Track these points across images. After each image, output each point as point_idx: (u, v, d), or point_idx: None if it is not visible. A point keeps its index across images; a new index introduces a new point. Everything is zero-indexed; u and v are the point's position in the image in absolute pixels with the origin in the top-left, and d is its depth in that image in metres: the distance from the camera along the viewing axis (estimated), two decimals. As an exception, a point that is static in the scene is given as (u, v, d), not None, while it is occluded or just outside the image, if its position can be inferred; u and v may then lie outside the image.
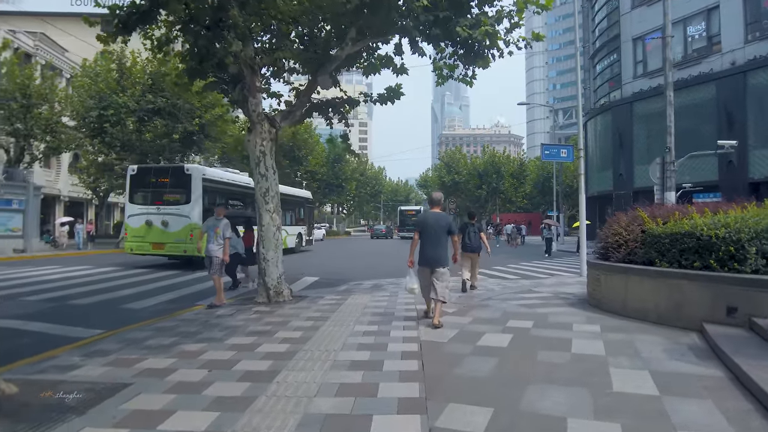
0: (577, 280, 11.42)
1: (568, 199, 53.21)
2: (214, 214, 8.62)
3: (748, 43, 21.26)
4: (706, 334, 5.19)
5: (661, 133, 24.84)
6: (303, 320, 6.62)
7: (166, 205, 15.31)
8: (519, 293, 8.89)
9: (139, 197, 15.85)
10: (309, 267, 16.85)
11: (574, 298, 8.09)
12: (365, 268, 17.06)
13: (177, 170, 15.65)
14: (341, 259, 21.95)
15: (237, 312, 7.46)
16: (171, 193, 15.44)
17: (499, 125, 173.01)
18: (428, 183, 63.57)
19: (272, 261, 8.48)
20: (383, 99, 10.50)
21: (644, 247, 6.42)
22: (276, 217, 8.61)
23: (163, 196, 15.50)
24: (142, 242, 15.29)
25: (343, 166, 52.14)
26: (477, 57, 9.46)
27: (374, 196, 68.91)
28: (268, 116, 8.59)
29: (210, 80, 9.29)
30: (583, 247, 13.18)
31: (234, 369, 4.40)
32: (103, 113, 25.32)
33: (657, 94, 24.58)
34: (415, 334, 5.56)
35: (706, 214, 6.23)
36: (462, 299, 8.33)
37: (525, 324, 5.97)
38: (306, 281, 12.74)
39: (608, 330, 5.57)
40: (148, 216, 15.19)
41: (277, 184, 8.71)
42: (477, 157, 56.80)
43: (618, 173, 27.21)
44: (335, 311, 7.23)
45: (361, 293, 9.41)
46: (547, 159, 13.31)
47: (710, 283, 5.35)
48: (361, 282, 12.18)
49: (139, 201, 15.81)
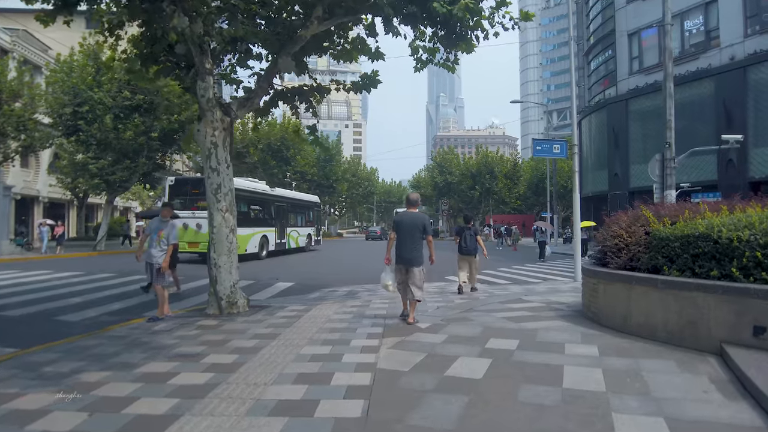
0: (571, 286, 10.45)
1: (562, 200, 52.40)
2: (159, 215, 7.57)
3: (748, 38, 20.42)
4: (728, 359, 4.21)
5: (658, 131, 24.01)
6: (248, 339, 5.60)
7: (199, 210, 17.36)
8: (506, 302, 7.90)
9: (176, 204, 17.39)
10: (291, 270, 15.84)
11: (567, 309, 7.10)
12: (350, 271, 16.05)
13: None
14: (328, 261, 20.93)
15: (177, 327, 6.42)
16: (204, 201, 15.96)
17: (493, 126, 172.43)
18: (421, 184, 62.53)
19: (225, 267, 7.44)
20: (358, 87, 9.52)
21: (649, 251, 5.44)
22: (230, 218, 7.57)
23: (197, 202, 17.72)
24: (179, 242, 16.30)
25: (334, 167, 51.11)
26: (459, 39, 8.49)
27: (367, 197, 67.79)
28: (220, 103, 7.56)
29: (163, 66, 8.27)
30: (577, 250, 12.23)
31: (123, 412, 3.36)
32: (78, 110, 24.19)
33: (653, 90, 23.76)
34: (373, 360, 4.54)
35: (722, 213, 5.27)
36: (441, 310, 7.32)
37: (508, 344, 4.97)
38: (278, 287, 11.72)
39: (608, 353, 4.57)
40: (184, 220, 17.13)
41: (230, 180, 7.67)
42: (470, 157, 55.78)
43: (613, 173, 26.32)
44: (290, 326, 6.21)
45: (331, 302, 8.38)
46: (539, 155, 12.34)
47: (732, 296, 4.36)
48: (336, 288, 11.17)
49: (177, 207, 17.17)
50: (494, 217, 50.53)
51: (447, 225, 62.63)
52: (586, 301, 6.47)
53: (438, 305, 7.79)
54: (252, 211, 20.74)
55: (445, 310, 7.27)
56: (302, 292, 10.70)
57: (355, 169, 65.60)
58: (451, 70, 8.97)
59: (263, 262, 19.70)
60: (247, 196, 19.92)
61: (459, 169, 53.09)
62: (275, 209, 23.08)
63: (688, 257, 4.90)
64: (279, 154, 37.80)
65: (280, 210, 23.60)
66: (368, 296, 9.27)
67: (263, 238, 21.16)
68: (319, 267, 18.10)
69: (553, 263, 19.43)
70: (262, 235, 21.03)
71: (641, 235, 5.72)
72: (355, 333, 5.73)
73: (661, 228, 5.41)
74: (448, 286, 11.13)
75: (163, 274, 7.01)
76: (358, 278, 13.23)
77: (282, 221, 23.70)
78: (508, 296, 8.82)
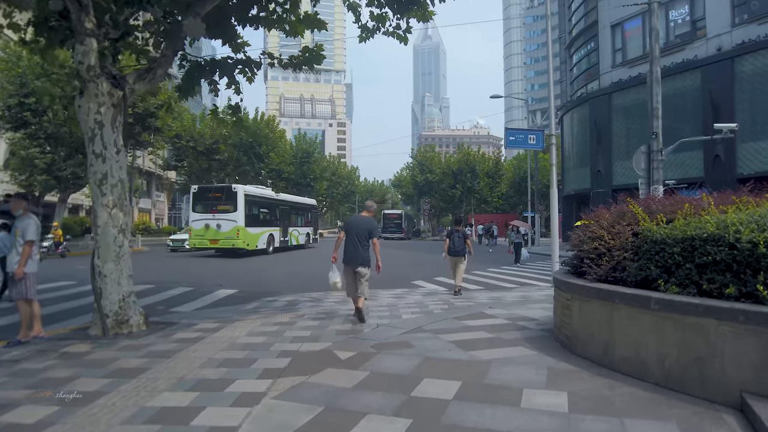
0: (546, 294, 9.12)
1: (545, 199, 51.40)
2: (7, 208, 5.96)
3: (736, 27, 19.42)
4: (753, 417, 2.87)
5: (643, 126, 22.94)
6: (101, 377, 4.10)
7: (219, 213, 20.82)
8: (465, 317, 6.51)
9: (199, 207, 21.32)
10: (248, 274, 14.29)
11: (536, 327, 5.74)
12: (308, 275, 14.55)
13: (227, 188, 21.62)
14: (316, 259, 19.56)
15: (35, 355, 4.90)
16: (222, 205, 20.97)
17: (478, 126, 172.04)
18: (402, 183, 61.17)
19: (112, 277, 5.92)
20: (296, 64, 8.09)
21: (639, 258, 4.09)
22: (119, 215, 6.03)
23: (217, 206, 21.01)
24: (202, 239, 20.96)
25: (312, 165, 49.40)
26: (411, 2, 7.10)
27: (347, 197, 66.22)
28: (107, 72, 6.03)
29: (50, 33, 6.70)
30: (554, 249, 10.94)
31: None
32: (24, 101, 22.34)
33: (637, 83, 22.69)
34: (237, 422, 3.09)
35: (738, 207, 3.93)
36: (381, 329, 5.89)
37: (445, 390, 3.56)
38: (215, 296, 10.20)
39: (582, 406, 3.19)
40: (206, 221, 20.83)
41: (121, 169, 6.13)
42: (451, 155, 54.48)
43: (596, 170, 25.21)
44: (173, 356, 4.72)
45: (255, 318, 6.89)
46: (512, 146, 11.02)
47: (758, 325, 3.02)
48: (278, 297, 9.68)
49: (200, 210, 21.27)
50: (476, 216, 49.38)
51: (429, 225, 61.39)
52: (557, 320, 5.10)
53: (380, 322, 6.35)
54: (261, 213, 23.46)
55: (385, 330, 5.83)
56: (239, 302, 9.22)
57: (335, 167, 64.00)
58: (404, 40, 7.58)
59: (270, 256, 22.30)
60: (257, 201, 23.20)
61: (440, 168, 51.80)
62: (279, 212, 25.81)
63: (692, 268, 3.55)
64: (251, 151, 36.09)
65: (283, 212, 26.32)
66: (306, 309, 7.82)
67: (270, 237, 23.90)
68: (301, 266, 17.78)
69: (532, 265, 18.16)
70: (269, 233, 23.83)
71: (627, 236, 4.38)
72: (248, 368, 4.27)
73: (654, 228, 4.06)
74: (409, 294, 9.74)
75: (22, 281, 5.46)
76: (317, 284, 11.76)
77: (285, 222, 26.38)
78: (470, 308, 7.43)
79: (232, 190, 21.15)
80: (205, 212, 21.05)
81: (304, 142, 49.37)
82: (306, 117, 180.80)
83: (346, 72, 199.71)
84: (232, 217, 20.74)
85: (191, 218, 21.75)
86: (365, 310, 6.69)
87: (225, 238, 20.62)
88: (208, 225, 20.70)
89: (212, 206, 21.13)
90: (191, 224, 21.70)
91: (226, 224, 20.63)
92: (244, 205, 21.06)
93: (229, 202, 20.97)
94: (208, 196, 21.51)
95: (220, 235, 20.61)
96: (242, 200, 21.02)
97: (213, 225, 20.68)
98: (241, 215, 20.83)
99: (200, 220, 21.08)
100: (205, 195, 21.58)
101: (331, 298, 9.19)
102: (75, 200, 38.84)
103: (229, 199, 21.00)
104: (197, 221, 21.15)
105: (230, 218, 20.73)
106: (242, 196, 21.06)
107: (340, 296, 9.24)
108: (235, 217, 20.76)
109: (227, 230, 20.59)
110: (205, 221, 20.78)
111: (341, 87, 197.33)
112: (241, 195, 21.06)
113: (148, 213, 53.16)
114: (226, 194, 21.17)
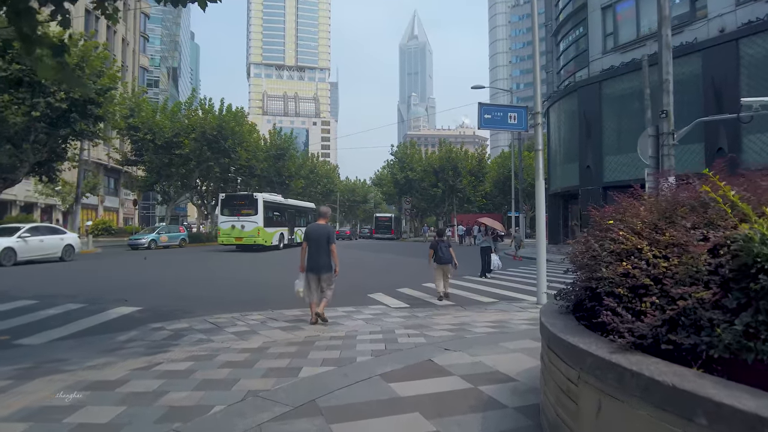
0: (529, 318, 6.78)
1: (530, 198, 49.35)
2: None
3: (740, 6, 17.39)
4: None
5: (637, 117, 20.81)
6: None
7: (242, 216, 25.03)
8: (400, 373, 4.11)
9: (226, 211, 25.65)
10: (190, 283, 11.70)
11: (511, 401, 3.35)
12: (272, 285, 12.05)
13: (249, 196, 25.99)
14: (257, 267, 16.85)
15: None
16: (245, 209, 25.21)
17: (464, 126, 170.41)
18: (383, 181, 58.66)
19: None
20: None
21: (739, 304, 1.73)
22: None
23: (241, 211, 25.18)
24: (229, 237, 25.26)
25: (287, 162, 46.61)
26: None
27: (327, 195, 63.50)
28: None
29: None
30: (541, 260, 8.61)
31: None
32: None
33: (631, 70, 20.62)
34: None
35: None
36: (231, 413, 3.47)
37: None
38: (102, 318, 7.71)
39: None
40: (232, 222, 25.14)
41: None
42: (433, 152, 52.07)
43: (585, 165, 23.05)
44: None
45: (69, 372, 4.43)
46: (487, 126, 8.68)
47: None
48: (174, 322, 7.19)
49: (227, 213, 25.57)
50: (459, 216, 47.17)
51: (410, 225, 59.06)
52: (550, 410, 2.68)
53: (255, 386, 3.90)
54: (274, 215, 27.79)
55: (246, 412, 3.36)
56: (120, 329, 6.74)
57: (313, 165, 61.32)
58: (203, 5, 5.08)
59: (279, 251, 26.14)
60: (272, 205, 27.80)
61: (420, 165, 49.37)
62: (287, 214, 30.41)
63: None
64: (215, 145, 33.32)
65: (290, 214, 30.90)
66: (180, 350, 5.37)
67: (281, 235, 28.31)
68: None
69: (513, 271, 15.87)
70: (280, 232, 28.27)
71: (700, 252, 2.02)
72: None
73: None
74: (352, 316, 7.33)
75: None
76: (271, 297, 9.28)
77: (291, 223, 30.70)
78: (418, 349, 5.02)
79: (254, 198, 25.77)
80: (231, 215, 25.54)
81: (278, 138, 46.58)
82: (290, 115, 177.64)
83: (330, 70, 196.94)
84: (254, 219, 25.14)
85: (219, 220, 26.61)
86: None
87: (248, 236, 25.10)
88: (234, 225, 25.24)
89: (237, 210, 25.52)
90: (219, 225, 26.54)
91: (249, 225, 25.09)
92: (263, 210, 25.44)
93: (251, 207, 25.37)
94: (234, 202, 26.07)
95: (244, 234, 25.12)
96: (261, 205, 25.45)
97: (238, 226, 25.17)
98: (261, 218, 25.24)
99: (227, 222, 25.65)
100: (231, 202, 26.22)
101: (239, 326, 6.76)
102: (24, 197, 35.75)
103: (251, 204, 25.45)
104: (225, 223, 25.76)
105: (252, 220, 25.14)
106: (261, 202, 25.56)
107: (254, 322, 6.91)
108: (256, 220, 25.15)
109: (250, 230, 25.09)
110: (231, 223, 25.35)
111: (326, 85, 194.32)
112: (261, 201, 25.58)
113: (116, 212, 49.98)
114: (248, 201, 25.76)
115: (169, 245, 30.61)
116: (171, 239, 31.02)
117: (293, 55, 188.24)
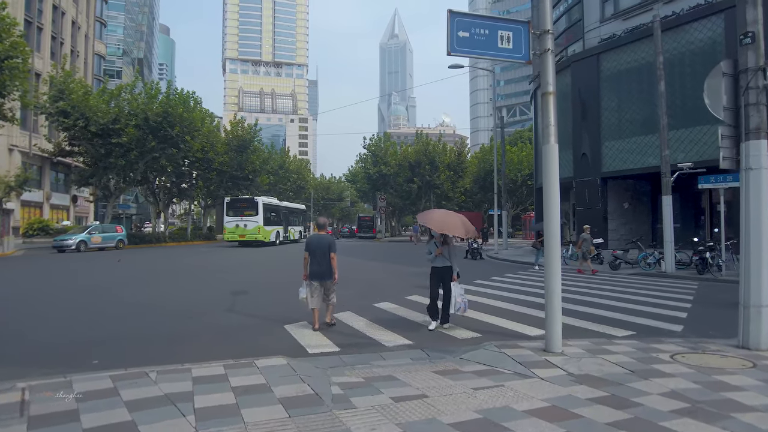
0: (537, 408, 3.21)
1: (513, 195, 46.30)
2: None
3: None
4: None
5: (642, 92, 17.49)
6: None
7: (245, 216, 30.70)
8: None
9: (231, 212, 31.26)
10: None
11: None
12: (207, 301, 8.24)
13: (251, 199, 31.65)
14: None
15: None
16: (248, 210, 30.86)
17: (444, 124, 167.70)
18: (357, 178, 54.89)
19: None
20: None
21: None
22: None
23: (244, 212, 30.84)
24: (233, 235, 30.86)
25: (251, 156, 42.25)
26: None
27: (297, 192, 59.36)
28: None
29: None
30: (553, 299, 5.08)
31: None
32: None
33: (636, 38, 17.40)
34: None
35: None
36: None
37: None
38: None
39: None
40: (236, 222, 30.84)
41: None
42: (408, 146, 48.47)
43: (580, 153, 19.79)
44: None
45: None
46: (464, 51, 5.04)
47: None
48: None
49: (231, 215, 31.15)
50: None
51: (386, 224, 55.45)
52: None
53: None
54: (272, 216, 32.80)
55: None
56: None
57: (281, 160, 57.17)
58: None
59: (277, 246, 31.20)
60: (270, 207, 32.87)
61: (395, 160, 45.73)
62: (282, 214, 35.49)
63: None
64: (161, 133, 29.14)
65: (284, 215, 35.98)
66: None
67: (277, 233, 33.35)
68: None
69: (501, 279, 12.36)
70: (276, 231, 33.20)
71: None
72: None
73: None
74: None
75: None
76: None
77: (285, 222, 35.85)
78: None
79: (255, 200, 31.03)
80: (235, 216, 30.72)
81: (239, 129, 42.29)
82: (266, 112, 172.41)
83: (308, 67, 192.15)
84: (255, 219, 30.27)
85: (225, 221, 31.35)
86: None
87: (250, 234, 30.17)
88: (238, 225, 30.49)
89: (240, 212, 30.68)
90: (225, 225, 31.36)
91: (251, 224, 30.22)
92: (263, 211, 30.63)
93: (252, 208, 30.56)
94: (237, 205, 31.28)
95: (246, 232, 30.24)
96: (261, 207, 30.64)
97: (241, 225, 30.37)
98: (261, 218, 30.39)
99: (232, 221, 30.80)
100: (235, 204, 31.44)
101: None
102: None
103: (252, 206, 30.64)
104: (230, 222, 30.87)
105: (254, 220, 30.26)
106: (261, 204, 30.78)
107: None
108: (257, 219, 30.28)
109: (251, 228, 30.22)
110: (236, 222, 30.60)
111: (303, 81, 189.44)
112: (261, 203, 30.79)
113: (66, 211, 44.85)
114: (250, 203, 30.93)
115: (104, 247, 26.62)
116: (105, 240, 26.97)
117: (270, 50, 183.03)
